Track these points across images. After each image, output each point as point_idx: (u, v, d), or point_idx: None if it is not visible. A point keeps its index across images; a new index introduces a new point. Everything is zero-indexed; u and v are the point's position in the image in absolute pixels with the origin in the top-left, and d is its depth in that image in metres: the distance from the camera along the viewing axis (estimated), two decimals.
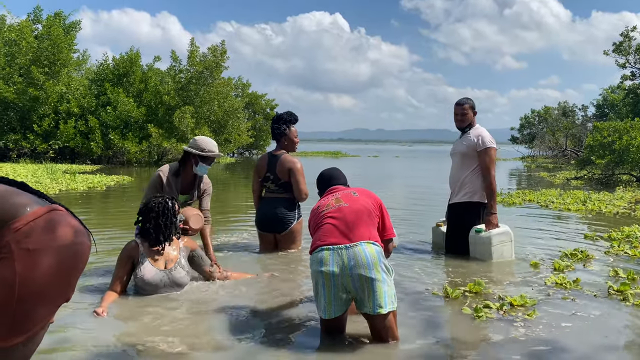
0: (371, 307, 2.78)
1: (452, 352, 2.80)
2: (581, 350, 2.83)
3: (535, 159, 37.89)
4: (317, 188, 3.55)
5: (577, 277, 4.15)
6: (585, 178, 17.17)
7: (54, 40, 23.14)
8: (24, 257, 1.64)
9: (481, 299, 3.64)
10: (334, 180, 3.47)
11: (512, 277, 4.39)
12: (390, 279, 2.87)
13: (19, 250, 1.64)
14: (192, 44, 25.66)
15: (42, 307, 1.70)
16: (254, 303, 3.58)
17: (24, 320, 1.66)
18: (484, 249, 4.90)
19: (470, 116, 5.20)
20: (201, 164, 4.26)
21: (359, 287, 2.78)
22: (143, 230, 3.74)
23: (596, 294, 3.80)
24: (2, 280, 1.63)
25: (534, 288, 3.95)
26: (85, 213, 7.92)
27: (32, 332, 1.70)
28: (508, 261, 4.91)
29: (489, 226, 4.94)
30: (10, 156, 22.66)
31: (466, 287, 3.84)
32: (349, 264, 2.78)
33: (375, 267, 2.78)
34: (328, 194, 3.29)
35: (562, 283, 4.02)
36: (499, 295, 3.67)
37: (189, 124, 24.00)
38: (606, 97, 43.17)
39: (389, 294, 2.81)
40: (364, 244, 2.84)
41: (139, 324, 3.15)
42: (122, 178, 14.90)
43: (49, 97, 23.14)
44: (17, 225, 1.66)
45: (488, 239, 4.89)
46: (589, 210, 8.81)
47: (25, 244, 1.64)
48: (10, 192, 1.75)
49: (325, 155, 45.01)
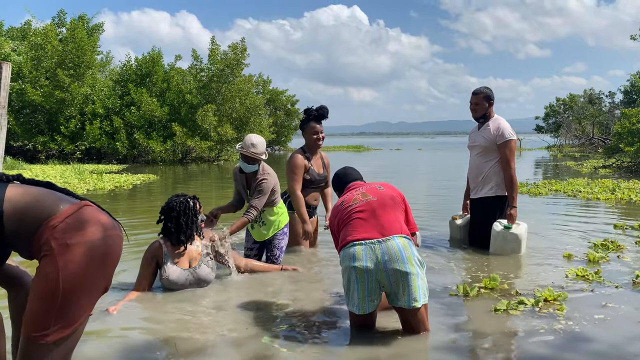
0: (406, 301, 2.76)
1: (480, 345, 2.78)
2: (615, 340, 2.78)
3: (562, 148, 37.23)
4: (334, 189, 3.52)
5: (598, 269, 4.07)
6: (613, 166, 16.80)
7: (78, 43, 23.56)
8: (64, 252, 1.71)
9: (497, 294, 3.58)
10: (350, 177, 3.42)
11: (535, 270, 4.33)
12: (423, 272, 2.85)
13: (58, 247, 1.71)
14: (213, 42, 25.86)
15: (84, 298, 1.77)
16: (280, 297, 3.60)
17: (69, 313, 1.73)
18: (516, 245, 4.81)
19: (485, 106, 5.08)
20: (241, 160, 4.37)
21: (394, 282, 2.76)
22: (165, 229, 3.79)
23: (618, 285, 3.73)
24: (47, 276, 1.70)
25: (554, 282, 3.87)
26: (113, 211, 8.05)
27: (77, 325, 1.77)
28: (538, 254, 4.84)
29: (511, 220, 4.88)
30: (39, 158, 23.19)
31: (481, 283, 3.76)
32: (383, 258, 2.76)
33: (409, 261, 2.76)
34: (351, 189, 3.26)
35: (584, 275, 3.96)
36: (516, 291, 3.61)
37: (212, 122, 24.21)
38: (634, 83, 42.04)
39: (422, 287, 2.79)
40: (396, 238, 2.82)
41: (164, 318, 3.21)
42: (148, 177, 15.12)
43: (75, 99, 23.60)
44: (54, 222, 1.73)
45: (521, 235, 4.82)
46: (618, 199, 8.63)
47: (63, 239, 1.72)
48: (44, 193, 1.82)
49: (347, 149, 44.95)
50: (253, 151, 4.24)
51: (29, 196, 1.77)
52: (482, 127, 5.14)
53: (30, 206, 1.75)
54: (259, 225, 4.52)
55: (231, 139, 24.90)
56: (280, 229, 4.54)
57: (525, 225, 4.99)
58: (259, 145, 4.28)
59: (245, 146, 4.26)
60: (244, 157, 4.30)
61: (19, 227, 1.73)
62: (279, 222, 4.53)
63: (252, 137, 4.30)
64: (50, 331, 1.70)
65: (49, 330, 1.69)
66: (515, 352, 2.70)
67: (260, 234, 4.53)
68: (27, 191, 1.79)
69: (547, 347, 2.72)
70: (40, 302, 1.70)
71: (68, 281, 1.71)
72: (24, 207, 1.74)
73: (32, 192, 1.80)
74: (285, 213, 4.64)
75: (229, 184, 14.76)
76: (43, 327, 1.68)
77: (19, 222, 1.73)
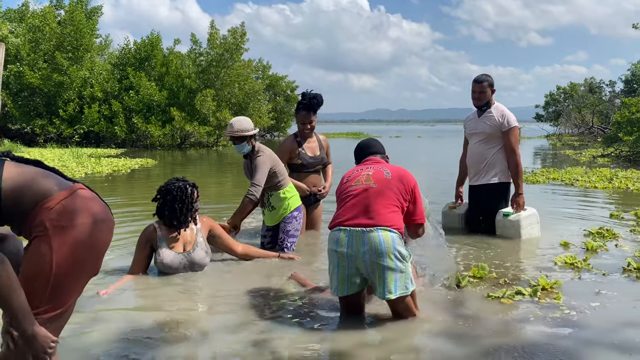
0: (381, 293, 2.82)
1: (473, 331, 2.79)
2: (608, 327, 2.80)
3: (561, 137, 37.19)
4: (354, 158, 3.45)
5: (586, 257, 4.09)
6: (612, 155, 16.81)
7: (77, 25, 23.39)
8: (59, 234, 1.72)
9: (487, 284, 3.57)
10: (371, 149, 3.37)
11: (529, 258, 4.35)
12: (405, 265, 2.85)
13: (53, 228, 1.72)
14: (212, 27, 25.68)
15: (75, 280, 1.79)
16: (273, 283, 3.62)
17: (60, 294, 1.75)
18: (514, 232, 4.88)
19: (489, 94, 5.08)
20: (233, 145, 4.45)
21: (371, 272, 2.81)
22: (158, 210, 3.79)
23: (605, 273, 3.76)
24: (41, 257, 1.71)
25: (541, 271, 3.86)
26: (111, 195, 8.07)
27: (67, 306, 1.79)
28: (534, 242, 4.86)
29: (517, 207, 4.91)
30: (38, 141, 23.15)
31: (469, 272, 3.73)
32: (363, 248, 2.80)
33: (387, 255, 2.78)
34: (362, 165, 3.22)
35: (573, 263, 3.97)
36: (505, 280, 3.61)
37: (211, 107, 24.13)
38: (635, 72, 41.90)
39: (400, 280, 2.81)
40: (380, 231, 2.82)
41: (157, 302, 3.22)
42: (146, 161, 15.11)
43: (73, 82, 23.49)
44: (49, 204, 1.74)
45: (517, 222, 4.87)
46: (615, 188, 8.64)
47: (58, 221, 1.73)
48: (40, 173, 1.82)
49: (347, 136, 44.89)
50: (230, 130, 4.34)
51: (26, 176, 1.77)
52: (483, 114, 5.12)
53: (27, 186, 1.75)
54: (268, 209, 4.54)
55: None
56: (289, 212, 4.50)
57: (533, 211, 5.02)
58: (235, 123, 4.36)
59: (226, 131, 4.41)
60: (231, 139, 4.40)
61: (15, 206, 1.73)
62: (287, 205, 4.50)
63: (231, 120, 4.43)
64: (38, 311, 1.71)
65: (37, 310, 1.70)
66: (507, 339, 2.71)
67: (270, 219, 4.57)
68: (23, 171, 1.79)
69: (545, 335, 2.74)
70: (31, 283, 1.70)
71: (60, 263, 1.72)
72: (20, 187, 1.74)
73: (29, 172, 1.80)
74: (294, 197, 4.58)
75: (228, 170, 14.76)
76: (31, 308, 1.69)
77: (15, 201, 1.73)
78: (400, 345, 2.68)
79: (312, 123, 4.93)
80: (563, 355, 2.48)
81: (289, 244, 4.47)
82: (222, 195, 8.72)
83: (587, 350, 2.55)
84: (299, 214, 4.56)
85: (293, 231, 4.50)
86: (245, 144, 4.36)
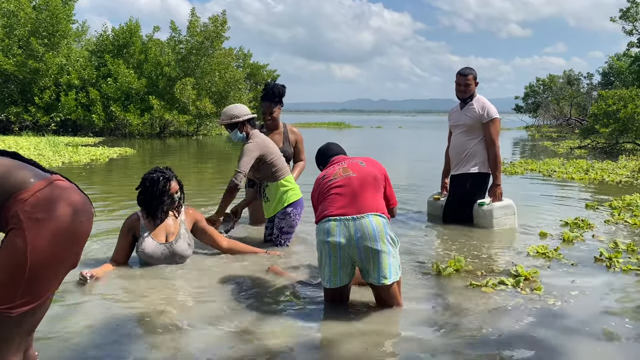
0: (376, 278, 2.83)
1: (455, 320, 2.83)
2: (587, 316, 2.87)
3: (540, 128, 37.70)
4: (317, 164, 3.52)
5: (557, 246, 4.17)
6: (589, 147, 17.11)
7: (52, 11, 22.87)
8: (34, 227, 1.68)
9: (464, 275, 3.60)
10: (332, 151, 3.44)
11: (506, 248, 4.41)
12: (396, 250, 2.90)
13: (28, 220, 1.68)
14: (193, 14, 25.34)
15: (51, 274, 1.75)
16: (258, 275, 3.61)
17: (35, 288, 1.71)
18: (487, 222, 4.98)
19: (473, 87, 5.16)
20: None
21: (365, 258, 2.82)
22: (138, 199, 3.78)
23: (574, 263, 3.84)
24: (15, 250, 1.67)
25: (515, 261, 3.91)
26: (89, 185, 7.95)
27: (42, 300, 1.75)
28: (510, 233, 4.93)
29: (494, 198, 4.99)
30: (13, 129, 22.66)
31: (447, 265, 3.71)
32: (356, 235, 2.81)
33: (381, 239, 2.81)
34: (333, 164, 3.27)
35: (544, 252, 4.05)
36: (482, 272, 3.64)
37: (190, 96, 23.88)
38: (612, 65, 42.59)
39: (393, 265, 2.85)
40: (371, 216, 2.86)
41: (136, 294, 3.19)
42: (125, 150, 14.91)
43: (49, 69, 23.01)
44: (24, 196, 1.70)
45: (490, 212, 4.96)
46: (591, 179, 8.81)
47: (33, 213, 1.69)
48: (14, 165, 1.78)
49: (328, 126, 44.86)
50: (222, 119, 4.36)
51: (1, 168, 1.73)
52: (465, 106, 5.18)
53: (2, 178, 1.70)
54: (264, 200, 4.43)
55: (210, 113, 24.60)
56: (283, 207, 4.32)
57: (510, 202, 5.10)
58: (225, 110, 4.38)
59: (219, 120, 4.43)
60: (227, 126, 4.38)
61: None
62: (281, 198, 4.31)
63: (224, 109, 4.44)
64: (14, 304, 1.67)
65: (13, 304, 1.67)
66: (490, 328, 2.76)
67: (266, 210, 4.44)
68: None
69: (526, 323, 2.79)
70: (6, 276, 1.67)
71: (36, 256, 1.68)
72: None
73: (3, 163, 1.75)
74: (292, 190, 4.37)
75: (208, 159, 14.65)
76: (7, 301, 1.66)
77: None
78: (383, 334, 2.70)
79: (273, 113, 4.86)
80: (544, 342, 2.54)
81: (282, 241, 4.33)
82: (201, 185, 8.65)
83: (567, 338, 2.61)
84: (293, 210, 4.33)
85: (287, 228, 4.33)
86: (236, 131, 4.31)
